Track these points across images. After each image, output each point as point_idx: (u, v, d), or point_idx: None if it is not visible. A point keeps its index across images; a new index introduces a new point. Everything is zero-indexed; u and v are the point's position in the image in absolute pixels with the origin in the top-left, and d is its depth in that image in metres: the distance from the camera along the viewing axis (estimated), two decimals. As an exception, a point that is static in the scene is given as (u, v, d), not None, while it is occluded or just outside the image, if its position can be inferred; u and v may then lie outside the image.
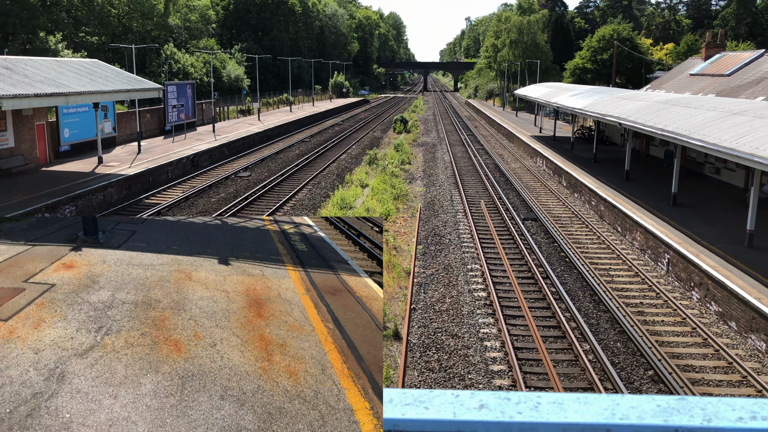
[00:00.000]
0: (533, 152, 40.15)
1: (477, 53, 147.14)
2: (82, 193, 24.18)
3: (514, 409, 1.09)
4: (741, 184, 26.06)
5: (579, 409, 1.09)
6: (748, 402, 1.10)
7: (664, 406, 1.10)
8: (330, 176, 33.53)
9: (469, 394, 1.14)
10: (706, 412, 1.08)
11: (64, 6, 55.91)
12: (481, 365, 12.56)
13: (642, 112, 25.57)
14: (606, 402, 1.11)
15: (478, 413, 1.09)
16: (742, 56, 37.36)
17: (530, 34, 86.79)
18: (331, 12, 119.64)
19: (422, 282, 17.29)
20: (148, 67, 60.09)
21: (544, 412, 1.09)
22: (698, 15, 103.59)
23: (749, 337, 13.68)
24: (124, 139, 38.11)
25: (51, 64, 30.42)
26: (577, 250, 20.30)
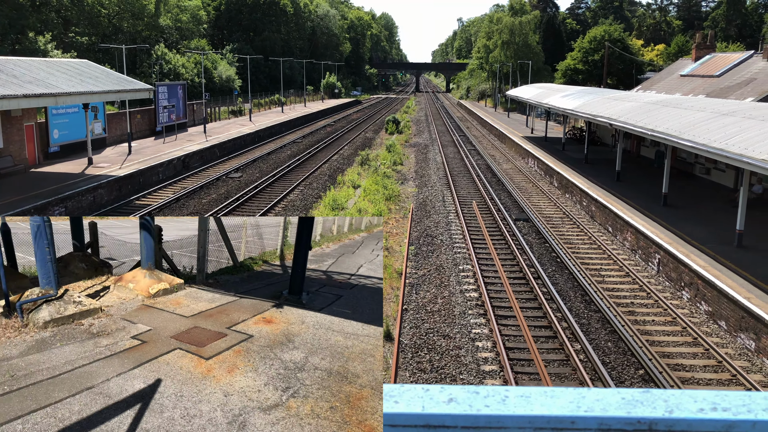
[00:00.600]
0: (525, 153, 40.25)
1: (469, 54, 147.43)
2: (72, 195, 24.02)
3: (482, 403, 1.12)
4: (731, 184, 26.21)
5: (546, 402, 1.11)
6: (709, 393, 1.13)
7: (628, 398, 1.12)
8: (322, 177, 33.48)
9: (438, 388, 1.17)
10: (669, 403, 1.11)
11: (54, 6, 55.57)
12: (472, 365, 12.56)
13: (633, 113, 25.67)
14: (572, 395, 1.14)
15: (447, 407, 1.11)
16: (732, 57, 37.61)
17: (522, 35, 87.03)
18: (322, 12, 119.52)
19: (414, 282, 17.28)
20: (139, 67, 59.81)
21: (511, 405, 1.11)
22: (689, 16, 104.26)
23: (738, 336, 13.75)
24: (114, 140, 37.91)
25: (40, 64, 30.22)
26: (569, 250, 20.34)
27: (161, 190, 28.81)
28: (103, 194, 26.07)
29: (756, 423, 1.07)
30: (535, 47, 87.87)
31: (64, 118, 32.48)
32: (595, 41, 71.92)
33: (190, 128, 47.88)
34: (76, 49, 54.90)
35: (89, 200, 25.02)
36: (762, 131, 16.71)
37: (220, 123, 55.24)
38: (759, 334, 13.03)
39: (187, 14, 73.50)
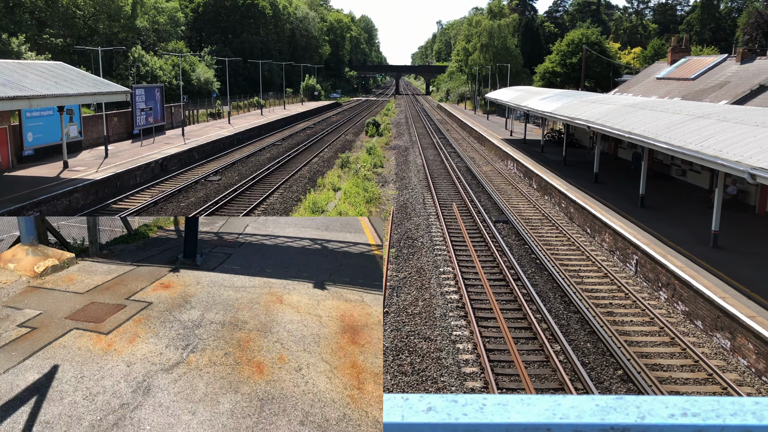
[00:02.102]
0: (504, 155, 40.48)
1: (448, 57, 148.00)
2: (46, 199, 23.63)
3: (460, 411, 1.14)
4: (706, 185, 26.61)
5: (522, 409, 1.14)
6: (680, 399, 1.17)
7: (602, 405, 1.16)
8: (302, 180, 33.34)
9: (418, 397, 1.19)
10: (641, 410, 1.14)
11: (28, 7, 54.70)
12: (453, 368, 12.57)
13: (610, 116, 25.95)
14: (548, 402, 1.16)
15: (426, 415, 1.13)
16: (706, 60, 38.22)
17: (501, 38, 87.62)
18: (301, 15, 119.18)
19: (395, 285, 17.26)
20: (115, 69, 59.10)
21: (488, 413, 1.14)
22: (664, 20, 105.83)
23: (714, 336, 13.94)
24: (90, 143, 37.38)
25: (13, 66, 29.68)
26: (548, 251, 20.48)
27: (139, 194, 28.46)
28: (79, 198, 25.68)
29: (724, 428, 1.10)
30: (513, 50, 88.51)
31: (38, 121, 31.95)
32: (572, 44, 72.65)
33: (168, 131, 47.41)
34: (51, 51, 54.06)
35: (65, 204, 24.62)
36: (736, 134, 16.99)
37: (199, 126, 54.76)
38: (734, 333, 13.22)
39: (164, 16, 72.81)
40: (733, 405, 1.15)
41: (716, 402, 1.16)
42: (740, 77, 31.86)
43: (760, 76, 30.00)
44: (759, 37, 58.11)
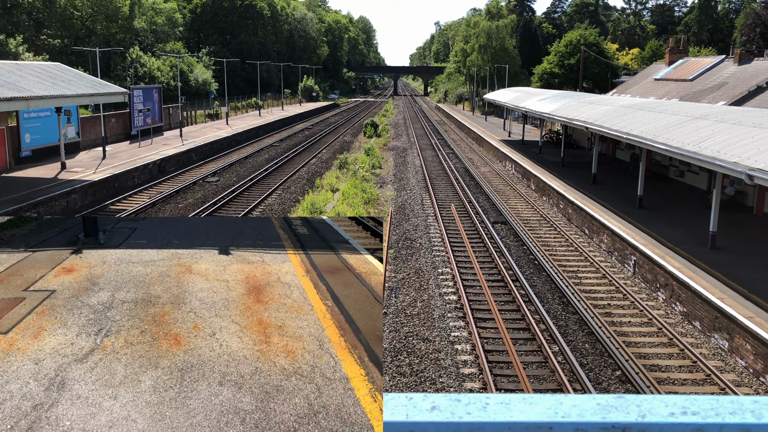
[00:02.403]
0: (502, 156, 40.51)
1: (446, 58, 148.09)
2: (44, 200, 23.59)
3: (463, 410, 1.16)
4: (704, 186, 26.64)
5: (524, 408, 1.16)
6: (680, 398, 1.19)
7: (603, 404, 1.18)
8: (300, 181, 33.33)
9: (422, 396, 1.20)
10: (641, 408, 1.16)
11: (25, 8, 54.63)
12: (452, 369, 12.56)
13: (608, 117, 25.98)
14: (550, 401, 1.18)
15: (430, 414, 1.15)
16: (704, 62, 38.29)
17: (499, 39, 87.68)
18: (300, 16, 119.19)
19: (393, 286, 17.26)
20: (113, 70, 59.03)
21: (491, 412, 1.15)
22: (662, 21, 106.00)
23: (712, 336, 13.95)
24: (88, 144, 37.34)
25: (11, 67, 29.64)
26: (546, 252, 20.49)
27: (137, 195, 28.43)
28: (76, 199, 25.64)
29: (723, 426, 1.12)
30: (511, 51, 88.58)
31: (36, 122, 31.90)
32: (570, 45, 72.73)
33: (166, 132, 47.37)
34: (49, 51, 53.98)
35: (62, 205, 24.59)
36: (733, 135, 17.01)
37: (197, 127, 54.72)
38: (732, 333, 13.23)
39: (162, 17, 72.76)
40: (732, 404, 1.17)
41: (715, 401, 1.18)
42: (738, 78, 31.91)
43: (758, 77, 30.06)
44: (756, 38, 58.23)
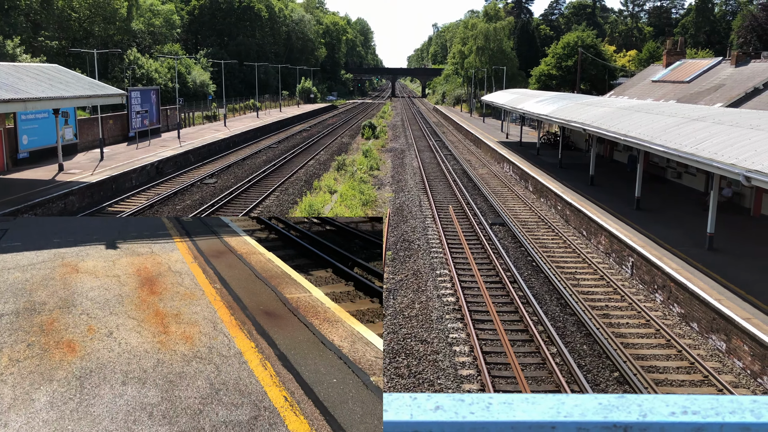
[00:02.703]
0: (500, 158, 40.55)
1: (444, 59, 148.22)
2: (42, 202, 23.55)
3: (467, 410, 1.17)
4: (702, 188, 26.69)
5: (527, 408, 1.17)
6: (680, 398, 1.20)
7: (605, 403, 1.19)
8: (298, 182, 33.32)
9: (425, 396, 1.22)
10: (642, 408, 1.17)
11: (23, 10, 54.57)
12: (450, 370, 12.56)
13: (606, 118, 26.02)
14: (552, 401, 1.19)
15: (434, 414, 1.16)
16: (701, 63, 38.37)
17: (496, 40, 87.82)
18: (297, 17, 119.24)
19: (391, 288, 17.25)
20: (111, 72, 58.98)
21: (495, 412, 1.16)
22: (659, 23, 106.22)
23: (710, 338, 13.98)
24: (86, 145, 37.29)
25: (8, 69, 29.60)
26: (544, 254, 20.51)
27: (134, 197, 28.40)
28: (74, 201, 25.60)
29: (723, 425, 1.13)
30: (509, 53, 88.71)
31: (33, 123, 31.86)
32: (568, 47, 72.84)
33: (164, 134, 47.33)
34: (46, 53, 53.91)
35: (60, 207, 24.55)
36: (731, 136, 17.05)
37: (195, 128, 54.69)
38: (729, 335, 13.25)
39: (160, 18, 72.73)
40: (732, 403, 1.18)
41: (715, 400, 1.19)
42: (735, 80, 31.99)
43: (755, 79, 30.14)
44: (753, 40, 58.40)
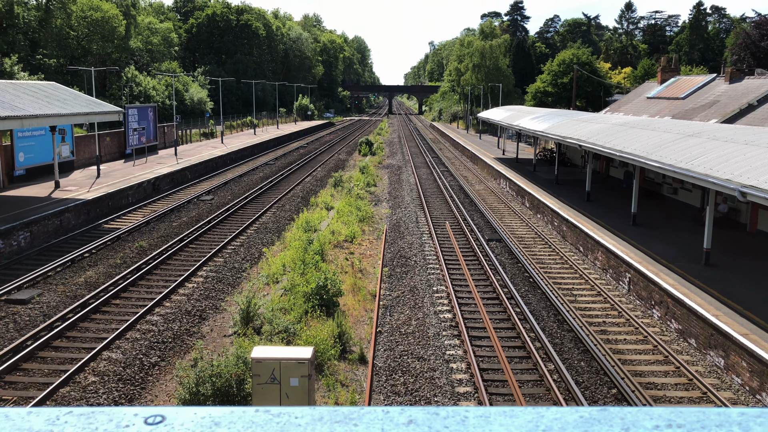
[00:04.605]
0: (497, 174, 40.63)
1: (441, 77, 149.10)
2: (37, 219, 23.47)
3: (441, 424, 1.11)
4: (698, 203, 26.74)
5: (504, 422, 1.12)
6: (665, 410, 1.15)
7: (586, 416, 1.14)
8: (295, 199, 33.30)
9: (398, 410, 1.16)
10: (625, 421, 1.12)
11: (21, 28, 54.84)
12: (447, 387, 12.46)
13: (602, 135, 26.13)
14: (531, 414, 1.14)
15: (406, 429, 1.10)
16: (696, 80, 38.65)
17: (492, 58, 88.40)
18: (295, 35, 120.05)
19: (388, 305, 17.17)
20: (109, 89, 59.17)
21: (470, 426, 1.11)
22: (654, 40, 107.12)
23: (708, 354, 13.91)
24: (82, 163, 37.29)
25: (6, 86, 29.67)
26: (541, 270, 20.46)
27: (131, 214, 28.34)
28: (70, 218, 25.53)
29: None
30: (505, 70, 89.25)
31: (30, 140, 31.87)
32: (563, 64, 73.36)
33: (161, 151, 47.38)
34: (44, 71, 54.11)
35: (56, 224, 24.48)
36: (726, 152, 17.12)
37: (192, 145, 54.78)
38: (727, 351, 13.19)
39: (158, 36, 73.16)
40: (719, 416, 1.13)
41: (701, 413, 1.14)
42: (729, 96, 32.21)
43: (749, 96, 30.34)
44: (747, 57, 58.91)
